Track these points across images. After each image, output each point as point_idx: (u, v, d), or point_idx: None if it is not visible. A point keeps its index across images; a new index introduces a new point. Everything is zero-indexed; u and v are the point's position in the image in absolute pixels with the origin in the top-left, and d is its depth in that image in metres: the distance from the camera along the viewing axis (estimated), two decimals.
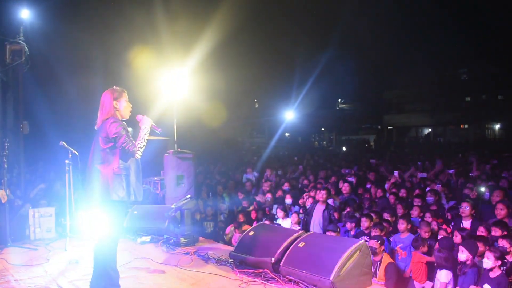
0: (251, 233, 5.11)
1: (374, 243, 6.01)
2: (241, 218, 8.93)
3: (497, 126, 44.47)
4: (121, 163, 4.23)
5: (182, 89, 9.54)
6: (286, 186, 11.01)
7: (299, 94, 37.32)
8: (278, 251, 4.48)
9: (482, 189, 7.59)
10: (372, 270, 5.98)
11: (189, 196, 6.56)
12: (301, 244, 4.35)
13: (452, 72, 46.67)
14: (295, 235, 4.63)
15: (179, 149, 8.69)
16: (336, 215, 7.91)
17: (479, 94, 45.15)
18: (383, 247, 6.14)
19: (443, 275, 5.44)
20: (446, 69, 46.23)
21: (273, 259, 4.46)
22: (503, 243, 5.27)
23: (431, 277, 5.82)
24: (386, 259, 6.04)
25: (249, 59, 33.66)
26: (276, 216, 8.52)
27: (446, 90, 44.20)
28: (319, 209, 7.96)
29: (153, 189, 9.36)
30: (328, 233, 6.68)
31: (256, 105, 47.72)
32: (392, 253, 6.51)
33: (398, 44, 50.89)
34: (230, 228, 8.83)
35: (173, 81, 9.39)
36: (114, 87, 4.48)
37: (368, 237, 6.43)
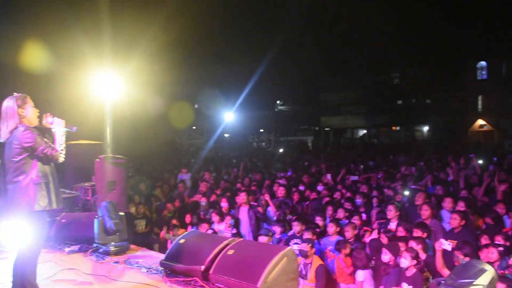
0: (182, 240, 5.10)
1: (305, 246, 6.18)
2: (175, 222, 8.88)
3: (425, 129, 46.88)
4: (39, 171, 4.07)
5: (116, 91, 9.33)
6: (220, 190, 11.03)
7: (239, 95, 37.46)
8: (208, 259, 4.50)
9: (407, 192, 7.96)
10: (303, 272, 6.17)
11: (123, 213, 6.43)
12: (230, 252, 4.39)
13: (385, 77, 48.77)
14: (225, 242, 4.66)
15: (111, 154, 8.49)
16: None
17: (409, 97, 47.44)
18: (314, 250, 6.32)
19: (360, 275, 5.76)
20: (379, 74, 48.25)
21: (202, 267, 4.47)
22: (412, 244, 5.61)
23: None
24: (317, 261, 6.21)
25: (188, 60, 33.43)
26: (211, 220, 8.52)
27: (380, 94, 46.14)
28: (243, 211, 8.13)
29: (84, 196, 9.07)
30: (260, 237, 6.78)
31: (196, 106, 47.36)
32: (322, 255, 6.72)
33: (334, 48, 52.38)
34: (163, 233, 8.76)
35: (105, 83, 9.15)
36: (14, 94, 4.20)
37: (300, 240, 6.59)
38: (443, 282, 2.78)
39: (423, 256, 5.51)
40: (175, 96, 32.79)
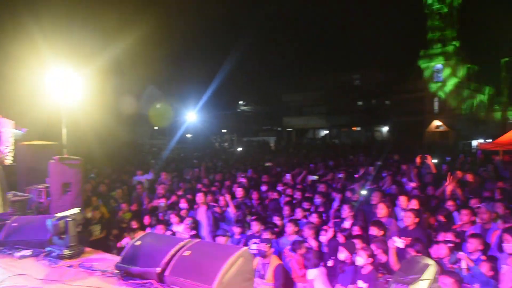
0: (138, 242, 5.00)
1: (263, 246, 6.21)
2: (134, 224, 8.71)
3: (385, 129, 48.01)
4: None
5: (73, 90, 9.08)
6: (181, 191, 10.95)
7: (201, 95, 37.29)
8: (164, 261, 4.41)
9: (364, 191, 8.11)
10: (261, 272, 6.20)
11: (79, 209, 6.25)
12: (186, 253, 4.33)
13: (346, 78, 49.70)
14: (181, 243, 4.59)
15: (66, 155, 8.25)
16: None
17: (369, 99, 48.50)
18: (272, 250, 6.35)
19: (310, 274, 5.85)
20: (341, 75, 49.13)
21: (158, 269, 4.39)
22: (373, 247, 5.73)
23: None
24: (275, 261, 6.24)
25: (151, 60, 32.99)
26: (169, 222, 8.43)
27: (341, 95, 46.97)
28: (202, 212, 8.12)
29: (37, 198, 8.77)
30: (218, 238, 6.77)
31: (158, 106, 46.77)
32: (280, 255, 6.77)
33: (296, 49, 52.91)
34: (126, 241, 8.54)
35: (62, 82, 8.89)
36: None
37: (258, 240, 6.62)
38: (390, 279, 2.86)
39: (384, 258, 5.63)
40: (136, 97, 32.32)
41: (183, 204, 9.10)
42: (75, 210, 6.20)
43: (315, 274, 5.94)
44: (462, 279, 4.62)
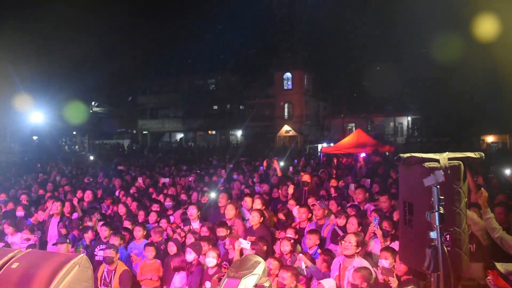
0: (15, 265, 4.44)
1: (110, 252, 5.98)
2: None
3: (239, 133, 49.73)
4: None
5: None
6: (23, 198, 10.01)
7: (49, 94, 34.52)
8: None
9: (213, 194, 8.28)
10: (107, 280, 5.96)
11: None
12: (14, 265, 3.97)
13: (201, 82, 50.39)
14: (10, 255, 4.20)
15: None
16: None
17: (224, 103, 49.84)
18: (118, 255, 6.15)
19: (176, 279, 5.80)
20: (196, 79, 49.66)
21: None
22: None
23: None
24: (121, 267, 6.06)
25: None
26: (4, 232, 7.64)
27: (196, 99, 47.49)
28: (54, 222, 7.56)
29: None
30: (57, 246, 6.37)
31: None
32: (128, 260, 6.59)
33: (152, 50, 52.02)
34: None
35: None
36: None
37: (104, 246, 6.36)
38: (223, 276, 3.00)
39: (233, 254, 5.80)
40: None
41: (20, 212, 8.34)
42: None
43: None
44: (300, 273, 5.00)
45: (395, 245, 5.18)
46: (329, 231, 6.26)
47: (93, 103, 53.78)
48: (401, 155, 3.17)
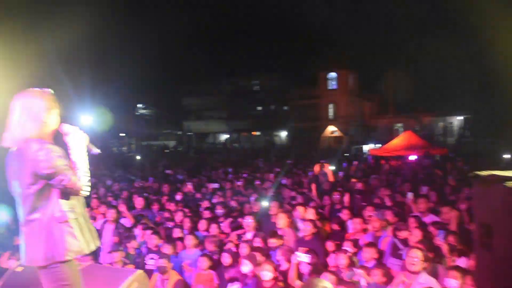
0: (19, 268, 4.50)
1: (163, 262, 5.94)
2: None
3: (284, 134, 49.49)
4: (64, 204, 2.87)
5: None
6: None
7: (98, 97, 35.48)
8: None
9: (266, 202, 8.01)
10: None
11: None
12: None
13: (245, 83, 50.49)
14: None
15: None
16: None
17: (268, 104, 49.75)
18: (171, 265, 6.10)
19: None
20: (240, 80, 49.82)
21: None
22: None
23: None
24: (174, 276, 6.01)
25: (39, 59, 30.66)
26: None
27: (240, 100, 47.64)
28: (108, 229, 7.57)
29: None
30: (112, 254, 6.39)
31: None
32: (180, 269, 6.53)
33: (197, 53, 52.66)
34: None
35: None
36: (43, 89, 2.95)
37: (156, 255, 6.32)
38: None
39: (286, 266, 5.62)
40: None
41: None
42: None
43: None
44: None
45: (461, 261, 4.89)
46: (388, 244, 5.96)
47: (139, 105, 55.01)
48: (478, 172, 2.92)
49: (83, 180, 2.85)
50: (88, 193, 2.95)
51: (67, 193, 2.84)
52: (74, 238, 2.84)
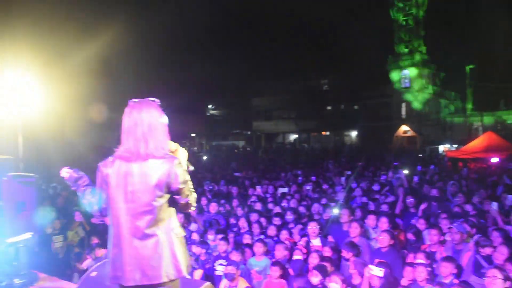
0: (93, 273, 4.62)
1: (231, 269, 5.89)
2: (94, 240, 8.12)
3: (354, 134, 48.45)
4: (178, 219, 2.90)
5: (29, 98, 8.60)
6: None
7: (166, 98, 36.68)
8: None
9: (336, 210, 7.72)
10: None
11: (31, 233, 5.76)
12: None
13: (314, 83, 50.00)
14: None
15: (19, 172, 7.74)
16: None
17: (338, 103, 48.92)
18: (239, 272, 6.05)
19: None
20: (309, 79, 49.41)
21: None
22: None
23: None
24: (242, 284, 5.96)
25: (115, 64, 32.23)
26: None
27: (309, 99, 47.20)
28: None
29: None
30: None
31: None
32: (248, 276, 6.47)
33: (266, 53, 52.94)
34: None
35: (18, 88, 8.39)
36: (154, 99, 2.91)
37: (225, 261, 6.30)
38: None
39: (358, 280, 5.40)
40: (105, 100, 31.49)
41: None
42: (27, 235, 5.77)
43: None
44: None
45: None
46: (469, 259, 5.52)
47: (209, 106, 56.25)
48: None
49: (194, 197, 2.88)
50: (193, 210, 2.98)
51: (182, 209, 2.86)
52: (187, 255, 2.86)
